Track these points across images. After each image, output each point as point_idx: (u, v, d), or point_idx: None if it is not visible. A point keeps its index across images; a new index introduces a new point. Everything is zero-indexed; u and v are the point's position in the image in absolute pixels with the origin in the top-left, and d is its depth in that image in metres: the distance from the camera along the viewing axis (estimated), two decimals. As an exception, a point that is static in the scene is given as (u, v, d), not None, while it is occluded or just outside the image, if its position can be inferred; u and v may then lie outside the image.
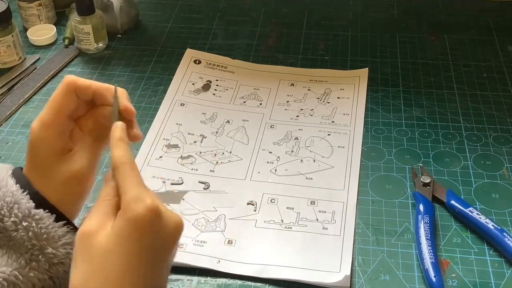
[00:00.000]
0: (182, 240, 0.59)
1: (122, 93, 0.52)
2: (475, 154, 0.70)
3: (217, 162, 0.70)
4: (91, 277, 0.42)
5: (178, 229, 0.44)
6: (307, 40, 0.91)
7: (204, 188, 0.66)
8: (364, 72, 0.83)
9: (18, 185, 0.49)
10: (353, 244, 0.60)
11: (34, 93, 0.81)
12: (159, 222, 0.43)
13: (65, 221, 0.50)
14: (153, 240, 0.43)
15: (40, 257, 0.49)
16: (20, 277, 0.48)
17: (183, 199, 0.65)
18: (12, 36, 0.84)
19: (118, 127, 0.48)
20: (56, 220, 0.50)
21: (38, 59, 0.88)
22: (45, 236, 0.49)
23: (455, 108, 0.77)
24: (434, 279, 0.55)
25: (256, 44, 0.91)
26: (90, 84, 0.51)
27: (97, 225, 0.44)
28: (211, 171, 0.69)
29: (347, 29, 0.94)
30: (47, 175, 0.51)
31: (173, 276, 0.57)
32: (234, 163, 0.70)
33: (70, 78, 0.51)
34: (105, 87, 0.52)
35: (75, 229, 0.51)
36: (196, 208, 0.64)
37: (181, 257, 0.58)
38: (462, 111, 0.77)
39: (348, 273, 0.56)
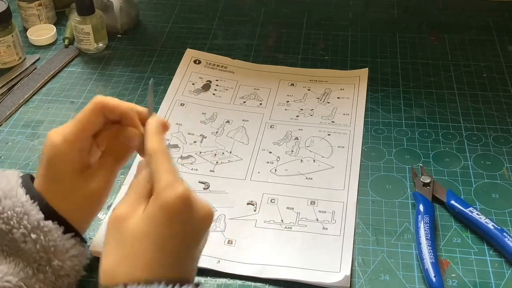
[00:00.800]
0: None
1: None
2: (475, 154, 0.70)
3: (217, 162, 0.70)
4: (123, 260, 0.43)
5: (208, 217, 0.45)
6: (307, 40, 0.91)
7: (204, 188, 0.66)
8: (364, 72, 0.83)
9: (28, 195, 0.49)
10: (353, 244, 0.60)
11: (34, 93, 0.81)
12: (189, 209, 0.44)
13: (74, 233, 0.51)
14: (184, 226, 0.44)
15: (47, 268, 0.49)
16: (28, 282, 0.48)
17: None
18: (12, 36, 0.84)
19: (154, 120, 0.50)
20: (65, 232, 0.50)
21: (38, 59, 0.88)
22: (52, 249, 0.49)
23: (455, 108, 0.77)
24: (434, 279, 0.55)
25: (256, 44, 0.91)
26: (119, 105, 0.52)
27: (128, 210, 0.44)
28: (211, 171, 0.69)
29: (347, 29, 0.94)
30: (63, 190, 0.51)
31: (173, 276, 0.57)
32: (234, 163, 0.70)
33: (99, 98, 0.52)
34: (131, 107, 0.52)
35: (83, 241, 0.52)
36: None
37: (181, 257, 0.58)
38: (462, 111, 0.77)
39: (348, 273, 0.56)
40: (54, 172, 0.51)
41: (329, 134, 0.73)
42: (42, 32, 0.92)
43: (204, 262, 0.58)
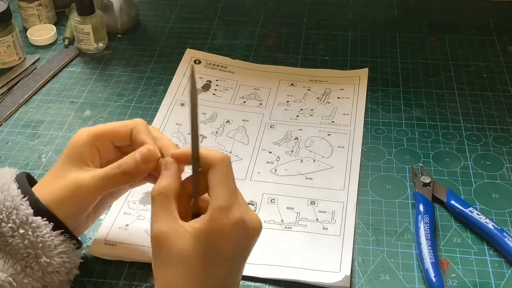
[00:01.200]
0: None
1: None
2: (475, 154, 0.70)
3: (217, 162, 0.70)
4: (176, 280, 0.44)
5: (257, 233, 0.47)
6: (307, 40, 0.91)
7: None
8: (364, 72, 0.83)
9: (19, 190, 0.50)
10: (353, 244, 0.60)
11: (34, 93, 0.81)
12: (242, 233, 0.45)
13: (63, 230, 0.50)
14: (235, 250, 0.45)
15: (34, 265, 0.49)
16: (15, 283, 0.48)
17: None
18: (12, 36, 0.84)
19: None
20: (54, 229, 0.50)
21: (38, 59, 0.88)
22: (40, 245, 0.49)
23: (455, 108, 0.77)
24: (434, 279, 0.55)
25: (256, 44, 0.91)
26: (142, 142, 0.52)
27: (168, 227, 0.44)
28: (211, 171, 0.68)
29: (347, 29, 0.94)
30: (58, 175, 0.52)
31: (173, 276, 0.57)
32: (234, 163, 0.69)
33: (139, 120, 0.54)
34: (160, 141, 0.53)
35: (72, 237, 0.51)
36: (196, 208, 0.64)
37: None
38: (462, 111, 0.77)
39: (348, 273, 0.56)
40: (65, 155, 0.52)
41: (329, 134, 0.73)
42: (42, 32, 0.92)
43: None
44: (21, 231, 0.48)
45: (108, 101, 0.80)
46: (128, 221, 0.62)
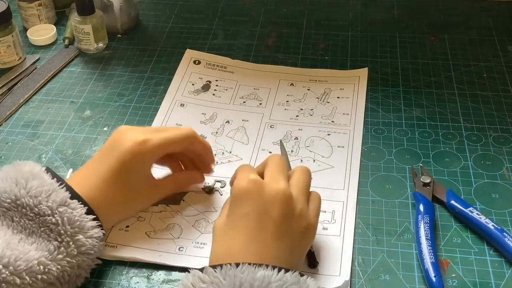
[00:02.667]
0: (181, 242, 0.59)
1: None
2: (475, 154, 0.70)
3: (217, 162, 0.70)
4: (214, 252, 0.51)
5: (277, 194, 0.51)
6: (307, 40, 0.91)
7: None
8: (364, 72, 0.83)
9: (54, 178, 0.54)
10: (353, 244, 0.60)
11: (34, 93, 0.81)
12: (258, 190, 0.51)
13: (95, 216, 0.55)
14: (253, 205, 0.50)
15: (70, 243, 0.52)
16: (50, 256, 0.51)
17: (183, 200, 0.65)
18: (12, 36, 0.84)
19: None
20: (87, 213, 0.54)
21: (38, 59, 0.88)
22: (78, 223, 0.53)
23: (455, 108, 0.77)
24: (434, 279, 0.55)
25: (256, 44, 0.91)
26: (202, 140, 0.63)
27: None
28: (211, 171, 0.69)
29: (347, 29, 0.94)
30: (113, 184, 0.57)
31: (173, 276, 0.57)
32: (234, 163, 0.70)
33: (192, 130, 0.61)
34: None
35: (101, 227, 0.55)
36: (196, 209, 0.64)
37: (181, 259, 0.58)
38: (462, 111, 0.77)
39: (348, 278, 0.56)
40: (124, 164, 0.57)
41: (329, 134, 0.73)
42: (42, 32, 0.92)
43: (204, 263, 0.58)
44: (60, 209, 0.52)
45: (108, 101, 0.80)
46: (128, 222, 0.62)
